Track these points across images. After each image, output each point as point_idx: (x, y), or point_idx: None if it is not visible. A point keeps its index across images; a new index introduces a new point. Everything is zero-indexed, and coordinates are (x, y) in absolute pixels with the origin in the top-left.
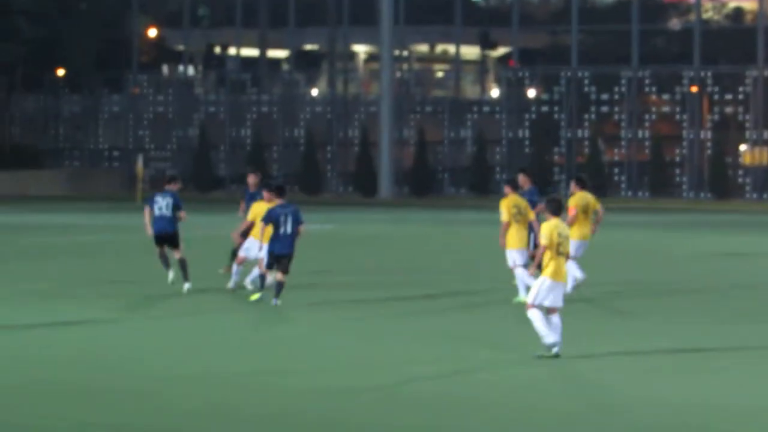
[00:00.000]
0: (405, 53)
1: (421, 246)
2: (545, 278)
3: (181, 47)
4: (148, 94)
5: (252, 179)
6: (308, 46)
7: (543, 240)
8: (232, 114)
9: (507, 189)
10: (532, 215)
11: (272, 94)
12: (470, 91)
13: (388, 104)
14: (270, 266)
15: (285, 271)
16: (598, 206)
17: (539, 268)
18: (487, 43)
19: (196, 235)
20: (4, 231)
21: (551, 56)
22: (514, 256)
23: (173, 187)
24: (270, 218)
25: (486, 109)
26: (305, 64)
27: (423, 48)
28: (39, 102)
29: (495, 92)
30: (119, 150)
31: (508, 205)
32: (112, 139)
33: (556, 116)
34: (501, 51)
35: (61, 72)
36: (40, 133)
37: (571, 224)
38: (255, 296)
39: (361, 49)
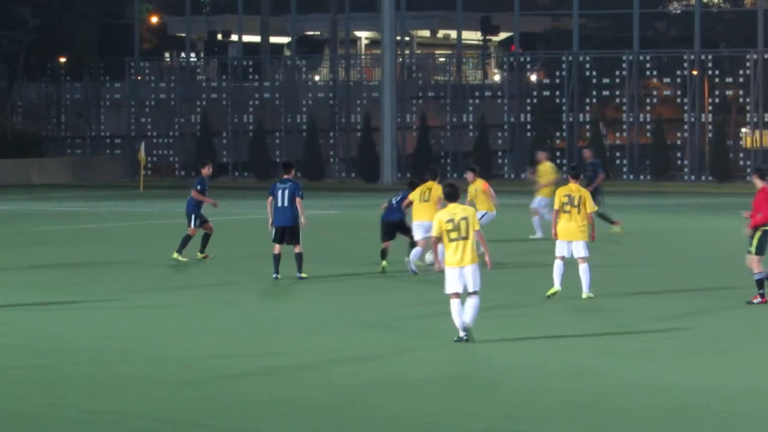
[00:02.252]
0: (407, 39)
1: None
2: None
3: (182, 34)
4: (149, 81)
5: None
6: (310, 33)
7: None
8: (234, 100)
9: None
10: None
11: (274, 81)
12: (472, 76)
13: (390, 90)
14: (276, 240)
15: (296, 242)
16: None
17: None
18: (488, 28)
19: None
20: (8, 219)
21: (552, 40)
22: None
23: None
24: (270, 193)
25: (488, 93)
26: (307, 50)
27: (424, 33)
28: (41, 90)
29: (497, 77)
30: (121, 137)
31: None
32: (114, 126)
33: (557, 100)
34: (502, 36)
35: (63, 59)
36: (43, 121)
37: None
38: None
39: (362, 35)
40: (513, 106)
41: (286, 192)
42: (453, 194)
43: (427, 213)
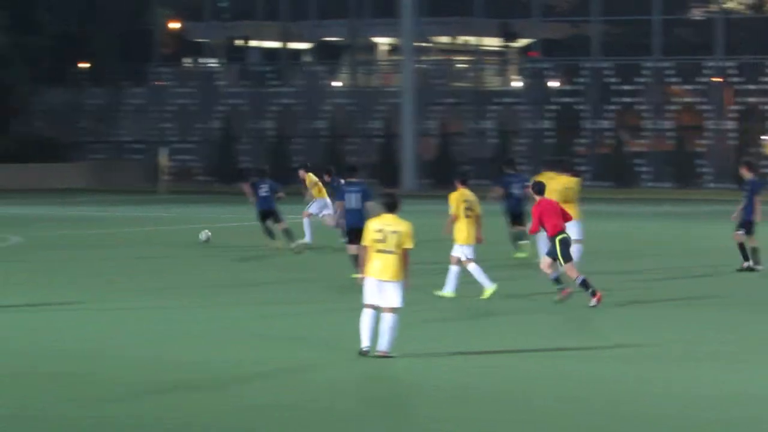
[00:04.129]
0: (426, 45)
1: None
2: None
3: (202, 40)
4: (170, 87)
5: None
6: (329, 38)
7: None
8: (254, 106)
9: (457, 183)
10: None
11: (294, 87)
12: (491, 82)
13: (410, 96)
14: (352, 241)
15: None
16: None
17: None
18: (508, 34)
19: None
20: (31, 223)
21: (573, 47)
22: (465, 251)
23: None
24: (339, 196)
25: (508, 100)
26: (327, 56)
27: (444, 39)
28: (63, 95)
29: (517, 83)
30: (142, 142)
31: (457, 199)
32: (134, 131)
33: (578, 107)
34: (522, 42)
35: (84, 65)
36: (64, 126)
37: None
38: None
39: (382, 41)
40: (533, 113)
41: (359, 195)
42: (392, 205)
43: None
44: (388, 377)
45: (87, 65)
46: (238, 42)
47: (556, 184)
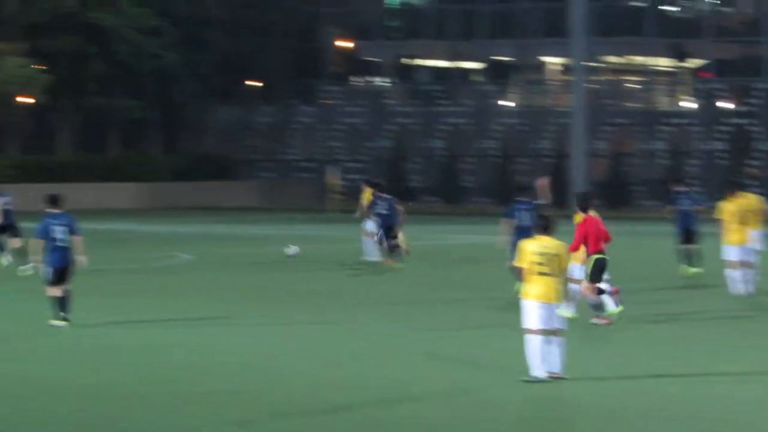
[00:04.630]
0: (596, 65)
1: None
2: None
3: (372, 58)
4: (339, 105)
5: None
6: (499, 57)
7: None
8: (423, 125)
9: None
10: None
11: (463, 106)
12: (662, 102)
13: (580, 116)
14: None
15: None
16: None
17: None
18: (679, 54)
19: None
20: (201, 241)
21: (745, 67)
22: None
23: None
24: (510, 215)
25: (679, 120)
26: (496, 75)
27: (614, 59)
28: (232, 113)
29: (688, 104)
30: (311, 161)
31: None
32: (304, 150)
33: (750, 128)
34: (694, 62)
35: (254, 83)
36: (234, 144)
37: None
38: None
39: (551, 61)
40: (705, 134)
41: (531, 213)
42: (548, 227)
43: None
44: (552, 398)
45: (257, 83)
46: (408, 61)
47: (741, 205)
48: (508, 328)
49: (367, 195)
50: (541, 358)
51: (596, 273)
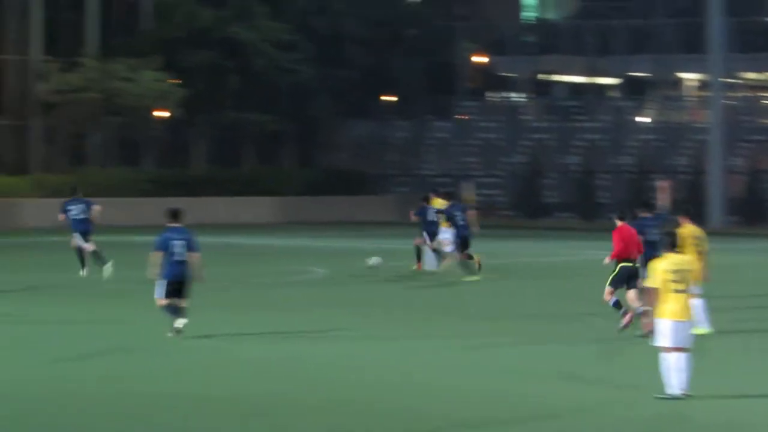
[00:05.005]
0: (734, 81)
1: (753, 275)
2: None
3: (508, 74)
4: (475, 121)
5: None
6: (636, 74)
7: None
8: (559, 141)
9: (683, 220)
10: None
11: (600, 121)
12: None
13: (717, 132)
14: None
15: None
16: None
17: None
18: None
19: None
20: (336, 256)
21: None
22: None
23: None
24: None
25: None
26: (633, 91)
27: (753, 75)
28: (368, 128)
29: None
30: (446, 176)
31: (686, 235)
32: (439, 165)
33: None
34: None
35: (389, 98)
36: (369, 159)
37: None
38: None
39: (688, 77)
40: None
41: (657, 229)
42: (675, 243)
43: None
44: (685, 416)
45: (392, 98)
46: (544, 76)
47: None
48: (633, 343)
49: (436, 204)
50: (679, 376)
51: (619, 280)
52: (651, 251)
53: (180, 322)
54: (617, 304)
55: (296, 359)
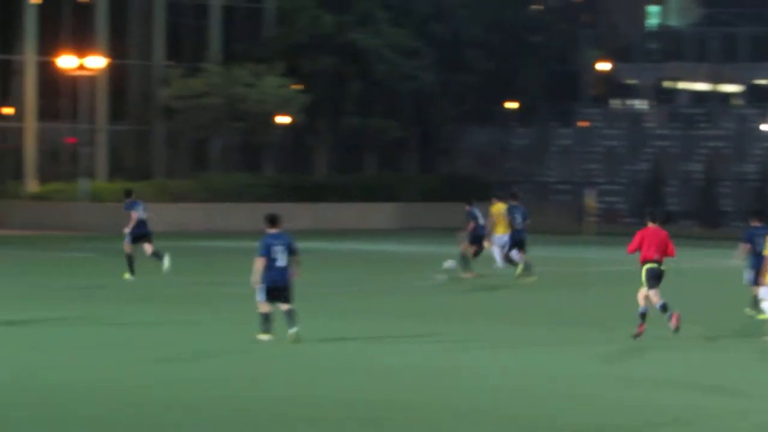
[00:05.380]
0: None
1: None
2: None
3: (631, 81)
4: (597, 128)
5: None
6: (761, 81)
7: None
8: (682, 148)
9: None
10: None
11: (723, 129)
12: None
13: None
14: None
15: None
16: None
17: None
18: None
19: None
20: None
21: None
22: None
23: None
24: (748, 239)
25: None
26: (757, 98)
27: None
28: (488, 134)
29: None
30: (568, 183)
31: None
32: (561, 172)
33: None
34: None
35: (511, 104)
36: (490, 166)
37: None
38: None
39: None
40: None
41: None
42: None
43: None
44: None
45: (513, 105)
46: (668, 83)
47: None
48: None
49: (497, 208)
50: None
51: (649, 280)
52: (757, 261)
53: (293, 330)
54: (664, 307)
55: (420, 366)
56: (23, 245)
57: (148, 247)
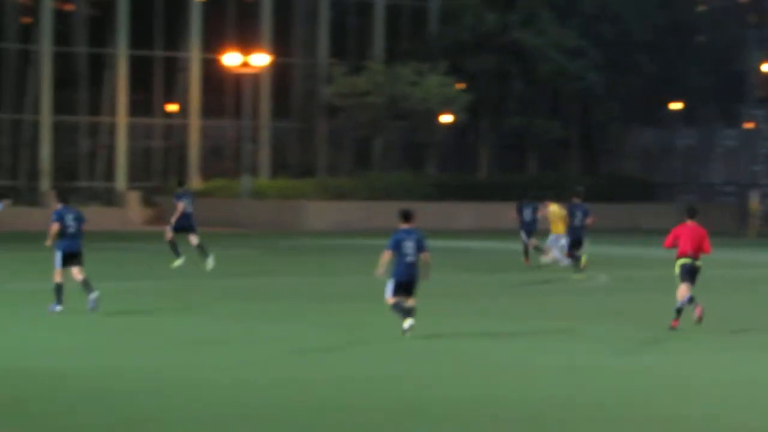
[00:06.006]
0: None
1: None
2: None
3: None
4: (764, 129)
5: None
6: None
7: None
8: None
9: None
10: None
11: None
12: None
13: None
14: None
15: None
16: None
17: None
18: None
19: None
20: (619, 263)
21: None
22: None
23: None
24: None
25: None
26: None
27: None
28: (654, 135)
29: None
30: (732, 184)
31: None
32: (725, 173)
33: None
34: None
35: (676, 105)
36: (654, 166)
37: None
38: None
39: None
40: None
41: None
42: None
43: None
44: None
45: (678, 105)
46: None
47: None
48: None
49: (552, 209)
50: None
51: (683, 275)
52: None
53: (408, 322)
54: (690, 300)
55: (590, 368)
56: (183, 242)
57: (193, 239)
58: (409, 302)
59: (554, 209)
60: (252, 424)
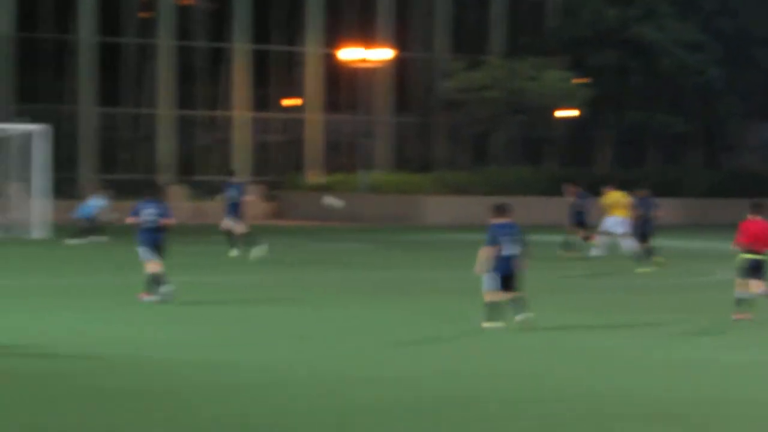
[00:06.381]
0: None
1: None
2: None
3: None
4: None
5: None
6: None
7: None
8: None
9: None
10: None
11: None
12: None
13: None
14: None
15: None
16: None
17: None
18: None
19: None
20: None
21: None
22: None
23: None
24: None
25: None
26: None
27: None
28: None
29: None
30: None
31: None
32: None
33: None
34: None
35: None
36: None
37: None
38: None
39: None
40: None
41: None
42: None
43: None
44: None
45: None
46: None
47: None
48: None
49: (612, 196)
50: None
51: (746, 270)
52: None
53: (521, 316)
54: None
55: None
56: (301, 236)
57: (238, 227)
58: (512, 295)
59: (616, 196)
60: (372, 417)
